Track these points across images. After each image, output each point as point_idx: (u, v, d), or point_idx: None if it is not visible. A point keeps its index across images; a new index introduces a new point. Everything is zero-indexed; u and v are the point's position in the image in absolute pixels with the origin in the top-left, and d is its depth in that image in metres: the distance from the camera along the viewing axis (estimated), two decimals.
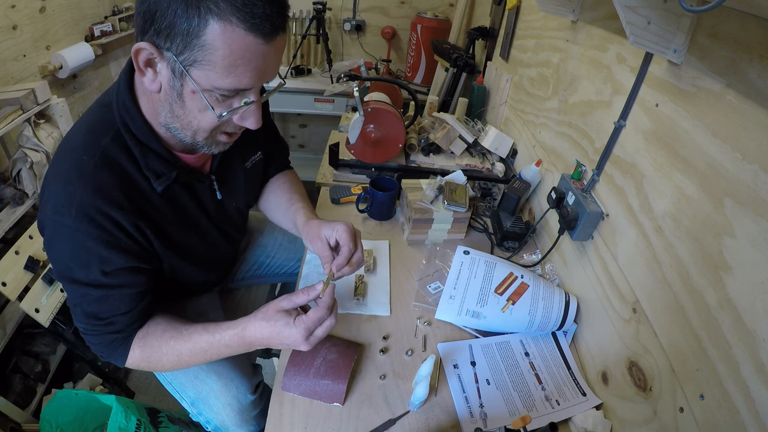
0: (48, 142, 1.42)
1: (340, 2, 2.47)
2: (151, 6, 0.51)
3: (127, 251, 0.64)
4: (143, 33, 0.54)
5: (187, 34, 0.51)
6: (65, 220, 0.58)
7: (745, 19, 0.53)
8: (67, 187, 0.59)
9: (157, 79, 0.57)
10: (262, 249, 1.14)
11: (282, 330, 0.64)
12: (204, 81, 0.55)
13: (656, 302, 0.67)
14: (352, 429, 0.69)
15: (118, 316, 0.67)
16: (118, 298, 0.66)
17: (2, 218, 1.28)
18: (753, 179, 0.51)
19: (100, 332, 0.67)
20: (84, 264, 0.61)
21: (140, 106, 0.64)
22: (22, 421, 1.20)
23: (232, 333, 0.68)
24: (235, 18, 0.50)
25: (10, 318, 1.29)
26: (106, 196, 0.60)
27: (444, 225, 1.08)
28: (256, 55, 0.54)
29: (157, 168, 0.65)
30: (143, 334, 0.70)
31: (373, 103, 1.28)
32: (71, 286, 0.63)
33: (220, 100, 0.58)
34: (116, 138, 0.63)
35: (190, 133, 0.63)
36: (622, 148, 0.80)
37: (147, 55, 0.54)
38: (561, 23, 1.11)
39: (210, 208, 0.80)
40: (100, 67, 2.07)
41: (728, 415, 0.52)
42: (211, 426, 0.84)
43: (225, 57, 0.52)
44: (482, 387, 0.78)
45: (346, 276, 0.76)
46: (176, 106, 0.59)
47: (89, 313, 0.65)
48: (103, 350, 0.70)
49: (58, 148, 0.65)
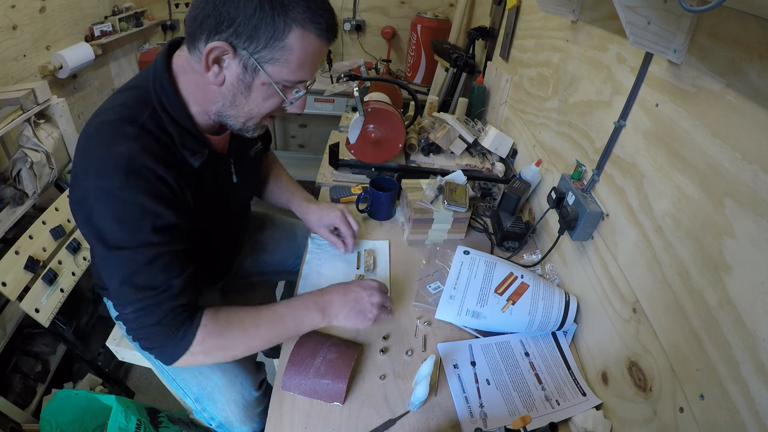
0: (48, 142, 1.42)
1: (340, 2, 2.47)
2: (230, 11, 0.59)
3: (174, 206, 0.66)
4: (216, 34, 0.61)
5: (271, 37, 0.61)
6: (113, 181, 0.60)
7: (745, 19, 0.53)
8: (113, 149, 0.61)
9: (222, 73, 0.65)
10: (262, 247, 1.14)
11: (358, 290, 0.80)
12: (276, 75, 0.65)
13: (656, 302, 0.67)
14: (352, 429, 0.69)
15: (173, 279, 0.64)
16: (169, 257, 0.64)
17: (2, 218, 1.28)
18: (753, 179, 0.51)
19: (157, 303, 0.63)
20: (133, 223, 0.61)
21: (180, 90, 0.69)
22: (22, 421, 1.20)
23: (310, 294, 0.79)
24: (311, 26, 0.63)
25: (10, 318, 1.29)
26: (154, 154, 0.64)
27: (444, 225, 1.08)
28: (319, 55, 0.67)
29: (192, 145, 0.70)
30: (214, 311, 0.70)
31: (373, 103, 1.28)
32: (119, 255, 0.61)
33: (281, 89, 0.68)
34: (153, 115, 0.66)
35: (243, 119, 0.71)
36: (622, 148, 0.80)
37: (218, 53, 0.62)
38: (561, 23, 1.11)
39: (227, 192, 0.84)
40: (100, 67, 2.07)
41: (728, 415, 0.52)
42: (216, 422, 0.85)
43: (299, 57, 0.64)
44: (482, 387, 0.78)
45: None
46: (240, 97, 0.67)
47: (142, 285, 0.62)
48: (162, 334, 0.65)
49: (88, 126, 0.65)
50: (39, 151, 1.38)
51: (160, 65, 0.68)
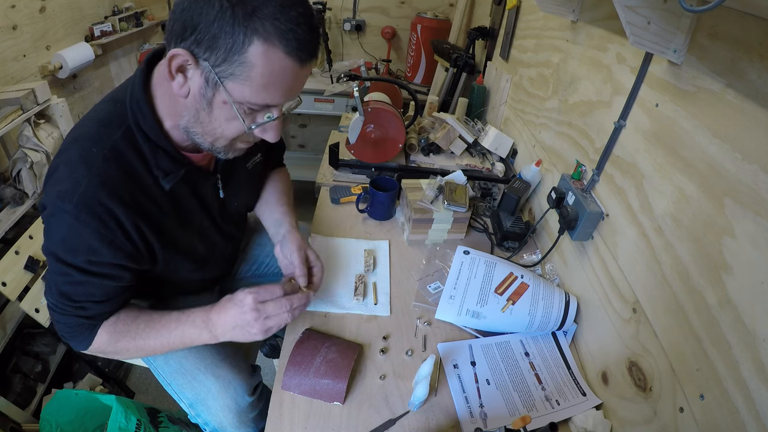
0: (48, 142, 1.42)
1: (340, 2, 2.47)
2: (194, 16, 0.53)
3: (119, 248, 0.64)
4: (180, 40, 0.55)
5: (230, 49, 0.54)
6: (66, 206, 0.59)
7: (745, 19, 0.53)
8: (74, 175, 0.60)
9: (187, 84, 0.59)
10: (262, 248, 1.14)
11: (233, 306, 0.70)
12: (237, 94, 0.58)
13: (656, 302, 0.67)
14: (352, 429, 0.69)
15: (92, 303, 0.67)
16: (97, 287, 0.66)
17: (2, 218, 1.28)
18: (753, 179, 0.51)
19: (68, 313, 0.68)
20: (73, 248, 0.62)
21: (155, 105, 0.65)
22: (22, 421, 1.20)
23: (202, 311, 0.72)
24: (278, 41, 0.54)
25: (10, 318, 1.29)
26: (111, 189, 0.61)
27: (444, 225, 1.08)
28: (289, 76, 0.58)
29: (166, 166, 0.67)
30: (114, 320, 0.72)
31: (373, 103, 1.28)
32: (55, 264, 0.64)
33: (247, 113, 0.61)
34: (127, 134, 0.64)
35: (210, 139, 0.65)
36: (622, 148, 0.80)
37: (181, 61, 0.56)
38: (561, 23, 1.11)
39: (212, 207, 0.81)
40: (100, 67, 2.07)
41: (728, 415, 0.52)
42: (209, 428, 0.84)
43: (262, 75, 0.56)
44: (482, 387, 0.78)
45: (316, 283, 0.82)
46: (203, 113, 0.61)
47: (64, 292, 0.66)
48: (66, 331, 0.70)
49: (68, 136, 0.66)
50: (39, 151, 1.38)
51: (138, 80, 0.64)
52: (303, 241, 0.85)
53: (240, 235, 1.01)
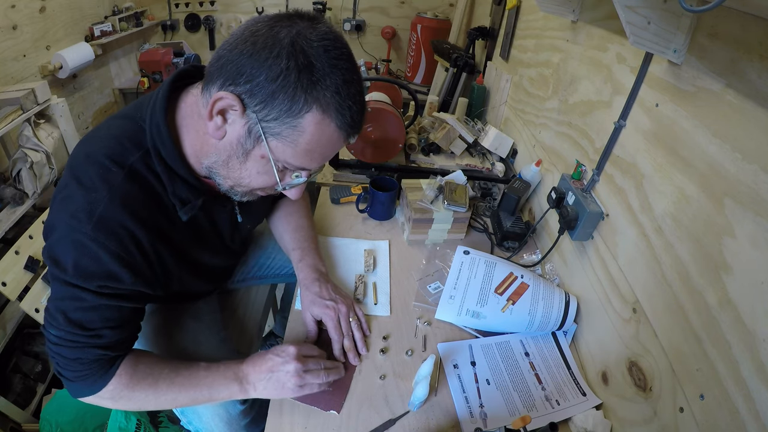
0: (48, 142, 1.43)
1: (340, 2, 2.47)
2: (255, 66, 0.52)
3: (138, 272, 0.61)
4: (231, 84, 0.54)
5: (286, 111, 0.53)
6: (83, 226, 0.55)
7: (745, 19, 0.53)
8: (92, 194, 0.56)
9: (224, 128, 0.57)
10: (263, 250, 1.14)
11: (272, 358, 0.70)
12: (279, 153, 0.58)
13: (656, 302, 0.67)
14: (352, 429, 0.69)
15: (107, 330, 0.60)
16: (114, 310, 0.61)
17: (2, 218, 1.28)
18: (753, 179, 0.51)
19: (81, 345, 0.59)
20: (90, 272, 0.57)
21: (180, 136, 0.63)
22: (22, 421, 1.20)
23: (234, 363, 0.70)
24: (334, 114, 0.55)
25: (10, 318, 1.29)
26: (132, 211, 0.58)
27: (444, 225, 1.08)
28: (333, 148, 0.60)
29: (183, 194, 0.64)
30: (134, 361, 0.65)
31: (373, 103, 1.28)
32: (63, 288, 0.57)
33: (279, 169, 0.61)
34: (145, 158, 0.61)
35: (232, 183, 0.63)
36: (622, 148, 0.80)
37: (226, 105, 0.55)
38: (561, 23, 1.11)
39: (225, 230, 0.80)
40: (100, 67, 2.07)
41: (728, 415, 0.52)
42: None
43: (309, 142, 0.56)
44: (482, 387, 0.78)
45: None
46: (235, 161, 0.60)
47: (75, 320, 0.58)
48: (77, 370, 0.61)
49: (77, 152, 0.61)
50: (39, 151, 1.38)
51: (160, 107, 0.60)
52: (307, 298, 0.84)
53: (246, 249, 1.04)
